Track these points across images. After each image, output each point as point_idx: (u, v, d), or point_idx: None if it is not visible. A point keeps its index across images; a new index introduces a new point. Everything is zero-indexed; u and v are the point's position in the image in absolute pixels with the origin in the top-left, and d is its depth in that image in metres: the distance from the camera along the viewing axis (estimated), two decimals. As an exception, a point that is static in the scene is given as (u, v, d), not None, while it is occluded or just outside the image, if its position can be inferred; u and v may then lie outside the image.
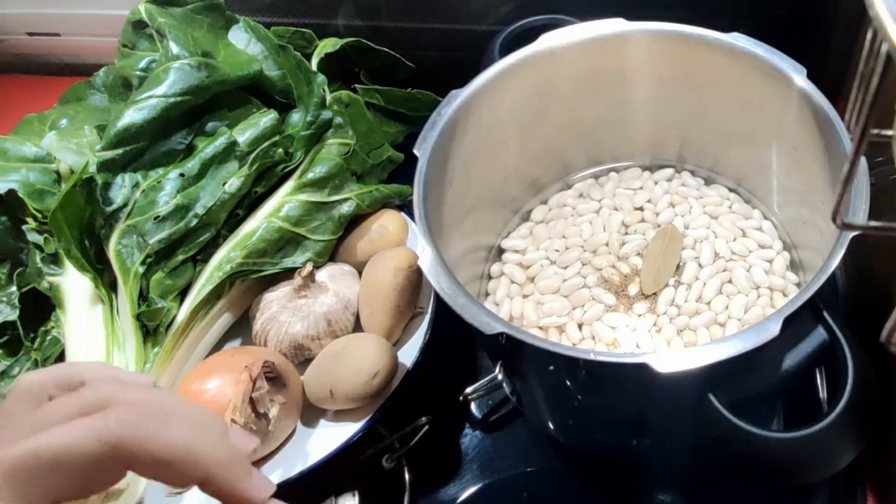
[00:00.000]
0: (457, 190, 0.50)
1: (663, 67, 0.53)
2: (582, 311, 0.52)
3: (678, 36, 0.51)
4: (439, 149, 0.48)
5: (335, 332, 0.54)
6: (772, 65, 0.47)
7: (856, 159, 0.25)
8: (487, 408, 0.56)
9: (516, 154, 0.56)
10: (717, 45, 0.49)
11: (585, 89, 0.54)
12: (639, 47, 0.52)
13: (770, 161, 0.53)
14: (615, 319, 0.51)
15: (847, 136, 0.43)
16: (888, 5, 0.21)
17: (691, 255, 0.54)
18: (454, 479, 0.53)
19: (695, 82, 0.53)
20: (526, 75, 0.52)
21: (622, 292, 0.53)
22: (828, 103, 0.45)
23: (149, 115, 0.54)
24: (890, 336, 0.27)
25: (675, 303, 0.51)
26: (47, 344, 0.56)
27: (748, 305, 0.51)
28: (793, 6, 0.62)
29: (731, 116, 0.53)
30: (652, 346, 0.50)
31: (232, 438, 0.34)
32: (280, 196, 0.57)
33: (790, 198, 0.53)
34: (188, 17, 0.60)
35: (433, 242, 0.43)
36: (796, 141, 0.49)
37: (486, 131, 0.51)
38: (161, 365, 0.52)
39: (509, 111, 0.53)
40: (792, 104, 0.47)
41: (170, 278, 0.54)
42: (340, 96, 0.61)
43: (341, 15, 0.70)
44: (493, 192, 0.56)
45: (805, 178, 0.49)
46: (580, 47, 0.52)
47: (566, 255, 0.55)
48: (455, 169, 0.50)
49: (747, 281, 0.51)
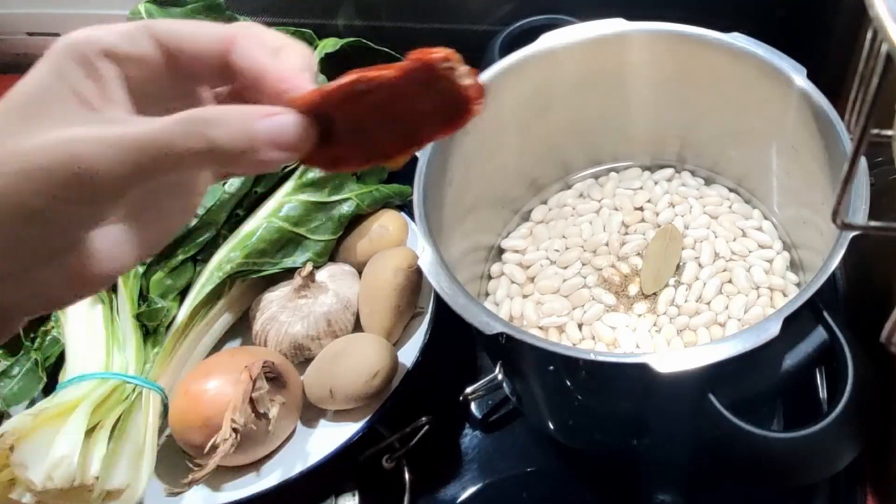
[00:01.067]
0: (457, 190, 0.50)
1: (663, 67, 0.53)
2: (582, 311, 0.52)
3: (678, 36, 0.51)
4: (440, 149, 0.48)
5: (335, 332, 0.54)
6: (771, 64, 0.47)
7: (856, 159, 0.25)
8: (487, 408, 0.56)
9: (516, 154, 0.56)
10: (717, 45, 0.49)
11: (585, 89, 0.54)
12: (639, 47, 0.52)
13: (770, 161, 0.53)
14: (615, 319, 0.51)
15: (847, 136, 0.43)
16: (888, 5, 0.21)
17: (691, 255, 0.54)
18: (454, 479, 0.53)
19: (695, 82, 0.53)
20: (526, 75, 0.52)
21: (622, 292, 0.53)
22: (828, 103, 0.45)
23: (149, 115, 0.53)
24: (890, 336, 0.27)
25: (675, 303, 0.51)
26: (47, 344, 0.56)
27: (748, 305, 0.51)
28: (793, 6, 0.62)
29: (731, 116, 0.53)
30: (652, 345, 0.50)
31: None
32: (280, 196, 0.57)
33: (790, 198, 0.53)
34: (188, 16, 0.60)
35: (433, 242, 0.43)
36: (796, 141, 0.49)
37: (486, 131, 0.51)
38: (161, 365, 0.52)
39: (509, 111, 0.53)
40: (792, 104, 0.47)
41: (170, 278, 0.54)
42: (340, 96, 0.60)
43: (341, 15, 0.70)
44: (493, 192, 0.56)
45: (805, 178, 0.49)
46: (580, 47, 0.52)
47: (566, 254, 0.55)
48: (455, 169, 0.50)
49: (747, 281, 0.51)
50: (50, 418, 0.46)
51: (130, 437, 0.48)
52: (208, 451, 0.46)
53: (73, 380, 0.49)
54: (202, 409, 0.48)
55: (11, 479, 0.45)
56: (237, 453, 0.47)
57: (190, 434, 0.48)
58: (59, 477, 0.44)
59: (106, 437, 0.47)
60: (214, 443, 0.45)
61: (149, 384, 0.50)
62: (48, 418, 0.46)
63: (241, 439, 0.46)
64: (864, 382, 0.38)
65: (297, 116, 0.26)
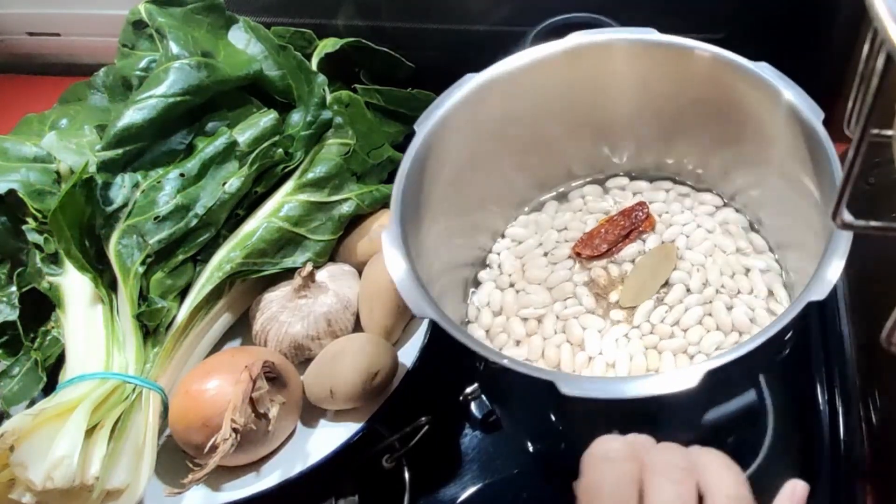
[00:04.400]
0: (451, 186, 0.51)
1: (651, 76, 0.52)
2: (563, 305, 0.53)
3: (664, 46, 0.50)
4: (421, 155, 0.48)
5: (335, 332, 0.54)
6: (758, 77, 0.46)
7: (855, 159, 0.25)
8: (487, 408, 0.56)
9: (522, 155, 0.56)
10: (703, 57, 0.49)
11: (571, 99, 0.54)
12: (627, 56, 0.52)
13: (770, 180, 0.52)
14: (589, 321, 0.51)
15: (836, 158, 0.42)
16: (888, 5, 0.21)
17: (683, 278, 0.52)
18: (454, 479, 0.53)
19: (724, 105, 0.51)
20: (521, 80, 0.52)
21: (604, 295, 0.53)
22: (816, 118, 0.44)
23: (149, 115, 0.54)
24: (890, 336, 0.27)
25: (651, 320, 0.51)
26: (47, 344, 0.56)
27: (722, 346, 0.49)
28: (793, 6, 0.62)
29: (750, 144, 0.52)
30: (614, 356, 0.50)
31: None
32: (280, 196, 0.57)
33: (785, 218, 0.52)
34: (188, 17, 0.60)
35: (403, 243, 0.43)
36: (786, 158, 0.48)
37: (492, 130, 0.51)
38: (161, 365, 0.52)
39: (516, 111, 0.53)
40: (780, 117, 0.46)
41: (170, 278, 0.54)
42: (340, 96, 0.61)
43: (341, 15, 0.70)
44: (495, 190, 0.56)
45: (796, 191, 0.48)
46: (570, 54, 0.51)
47: (562, 248, 0.55)
48: (445, 168, 0.50)
49: (728, 319, 0.50)
50: (50, 418, 0.46)
51: (130, 437, 0.48)
52: (208, 451, 0.46)
53: (73, 380, 0.49)
54: (202, 409, 0.48)
55: (11, 479, 0.45)
56: (237, 453, 0.47)
57: (190, 434, 0.48)
58: (59, 477, 0.44)
59: (106, 437, 0.47)
60: (214, 443, 0.45)
61: (149, 384, 0.50)
62: (48, 418, 0.46)
63: (241, 439, 0.46)
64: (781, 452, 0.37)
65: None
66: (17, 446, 0.44)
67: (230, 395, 0.47)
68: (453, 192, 0.52)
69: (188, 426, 0.48)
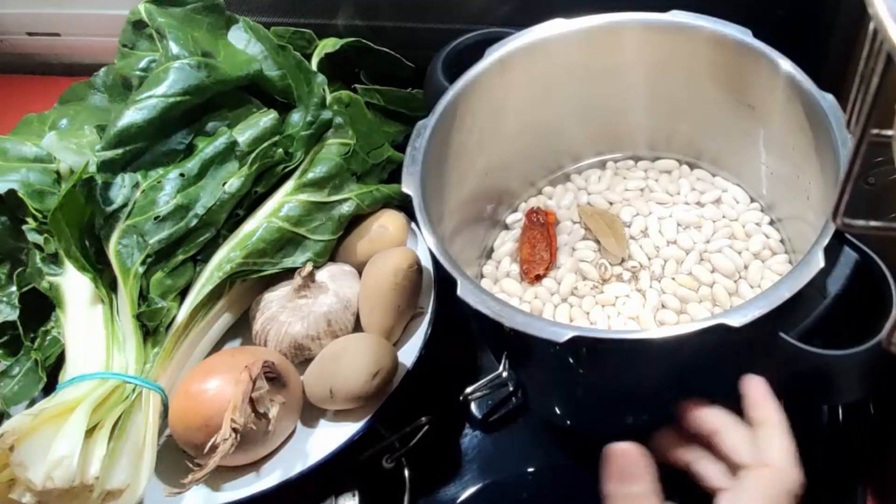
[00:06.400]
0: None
1: (655, 56, 0.54)
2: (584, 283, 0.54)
3: (667, 25, 0.52)
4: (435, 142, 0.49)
5: (335, 332, 0.54)
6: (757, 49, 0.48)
7: (855, 159, 0.25)
8: (487, 408, 0.56)
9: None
10: (700, 32, 0.51)
11: (581, 80, 0.56)
12: (629, 38, 0.53)
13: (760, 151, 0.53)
14: (613, 288, 0.53)
15: (837, 124, 0.43)
16: (888, 5, 0.21)
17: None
18: (454, 479, 0.53)
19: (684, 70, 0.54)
20: (520, 66, 0.53)
21: (606, 278, 0.54)
22: (814, 86, 0.46)
23: (149, 115, 0.54)
24: (890, 336, 0.27)
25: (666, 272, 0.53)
26: (47, 344, 0.56)
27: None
28: (793, 6, 0.62)
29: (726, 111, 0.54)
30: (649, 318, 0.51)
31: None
32: (280, 196, 0.57)
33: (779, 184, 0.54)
34: (188, 17, 0.60)
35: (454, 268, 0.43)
36: (783, 128, 0.49)
37: (485, 120, 0.52)
38: (161, 365, 0.52)
39: (507, 100, 0.54)
40: (778, 88, 0.48)
41: (170, 278, 0.54)
42: (340, 96, 0.61)
43: (341, 15, 0.70)
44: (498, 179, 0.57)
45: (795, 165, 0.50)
46: (572, 38, 0.53)
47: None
48: (454, 161, 0.52)
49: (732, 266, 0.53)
50: (50, 418, 0.46)
51: (130, 437, 0.48)
52: (208, 451, 0.46)
53: (73, 380, 0.49)
54: (202, 409, 0.48)
55: (11, 479, 0.45)
56: (237, 453, 0.47)
57: (190, 434, 0.48)
58: (59, 477, 0.44)
59: (106, 437, 0.47)
60: (214, 443, 0.45)
61: (149, 384, 0.50)
62: (48, 418, 0.46)
63: (241, 439, 0.46)
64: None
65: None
66: (17, 446, 0.44)
67: (230, 395, 0.47)
68: (469, 160, 0.54)
69: (188, 426, 0.48)
